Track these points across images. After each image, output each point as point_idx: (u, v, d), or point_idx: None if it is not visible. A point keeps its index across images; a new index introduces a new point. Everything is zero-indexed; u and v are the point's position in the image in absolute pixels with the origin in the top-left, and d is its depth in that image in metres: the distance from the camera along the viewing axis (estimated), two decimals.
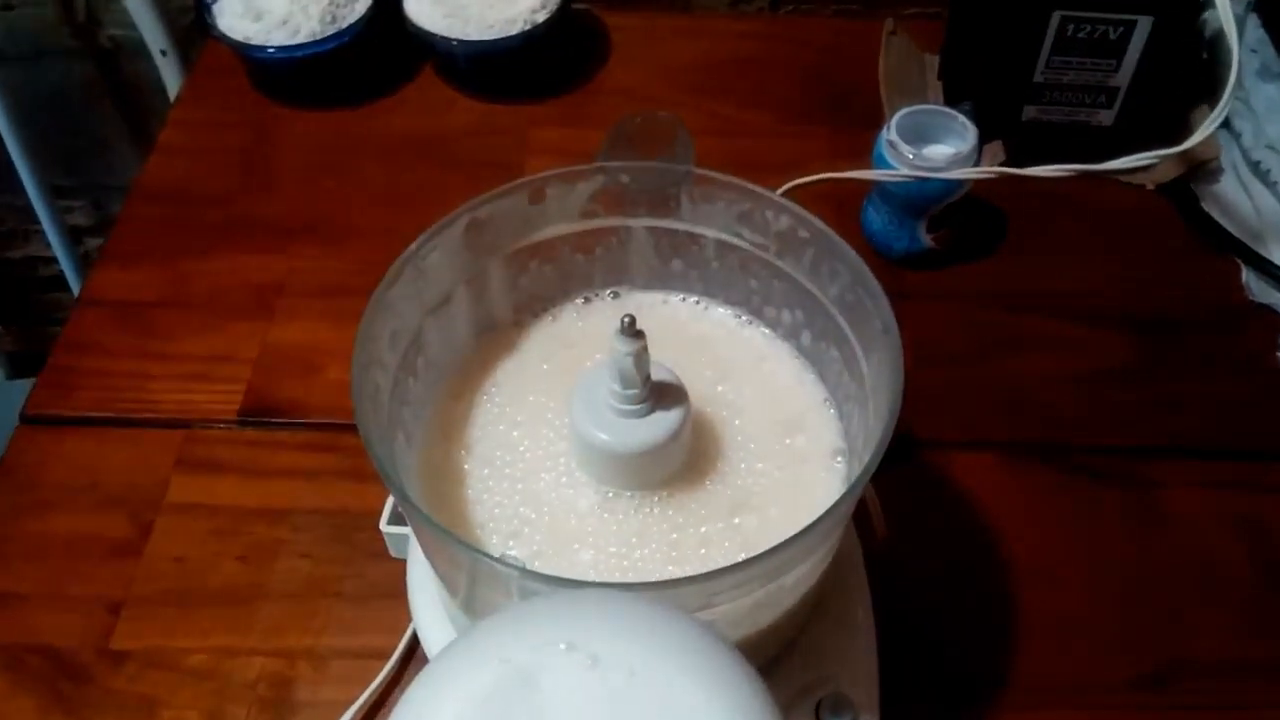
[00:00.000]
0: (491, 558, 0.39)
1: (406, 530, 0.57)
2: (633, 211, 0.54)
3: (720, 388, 0.53)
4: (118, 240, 0.79)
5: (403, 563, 0.58)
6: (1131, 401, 0.70)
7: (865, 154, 0.75)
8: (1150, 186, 0.81)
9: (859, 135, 0.80)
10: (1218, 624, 0.60)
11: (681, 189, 0.53)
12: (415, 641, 0.58)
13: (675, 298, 0.57)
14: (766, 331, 0.55)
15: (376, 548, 0.60)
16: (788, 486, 0.49)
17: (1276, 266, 0.74)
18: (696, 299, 0.57)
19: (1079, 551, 0.63)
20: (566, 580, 0.39)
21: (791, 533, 0.46)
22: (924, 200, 0.73)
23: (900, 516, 0.58)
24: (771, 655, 0.49)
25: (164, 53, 1.06)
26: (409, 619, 0.57)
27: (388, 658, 0.58)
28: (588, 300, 0.57)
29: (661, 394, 0.47)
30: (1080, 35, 0.74)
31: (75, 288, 1.31)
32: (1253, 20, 0.85)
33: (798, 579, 0.45)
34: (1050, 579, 0.62)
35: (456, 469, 0.50)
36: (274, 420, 0.69)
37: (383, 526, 0.57)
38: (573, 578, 0.44)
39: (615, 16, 0.96)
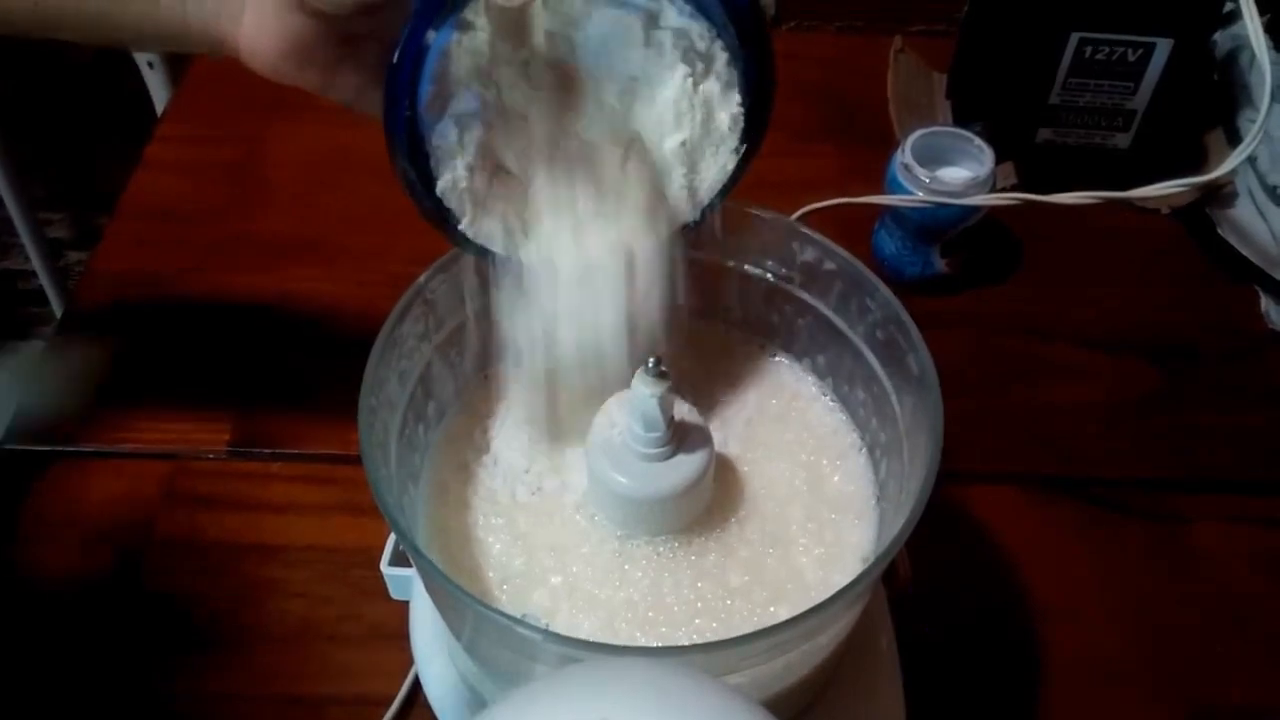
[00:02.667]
0: (513, 619, 0.37)
1: (409, 572, 0.54)
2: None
3: (743, 426, 0.50)
4: (102, 259, 0.76)
5: (403, 604, 0.55)
6: (1152, 433, 0.68)
7: (875, 174, 0.73)
8: (1165, 211, 0.79)
9: (867, 155, 0.78)
10: (1250, 667, 0.58)
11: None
12: (417, 687, 0.55)
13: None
14: (792, 366, 0.53)
15: (375, 586, 0.57)
16: (818, 532, 0.46)
17: None
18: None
19: (1104, 589, 0.61)
20: (592, 644, 0.37)
21: (825, 580, 0.44)
22: (940, 225, 0.71)
23: (920, 552, 0.55)
24: (799, 709, 0.46)
25: (151, 64, 1.02)
26: (410, 663, 0.55)
27: (389, 705, 0.55)
28: None
29: (684, 436, 0.44)
30: (1098, 57, 0.72)
31: (54, 302, 1.28)
32: (1265, 42, 0.84)
33: (833, 634, 0.42)
34: (1077, 618, 0.60)
35: (466, 513, 0.47)
36: (266, 451, 0.66)
37: (384, 568, 0.54)
38: (595, 636, 0.42)
39: None
